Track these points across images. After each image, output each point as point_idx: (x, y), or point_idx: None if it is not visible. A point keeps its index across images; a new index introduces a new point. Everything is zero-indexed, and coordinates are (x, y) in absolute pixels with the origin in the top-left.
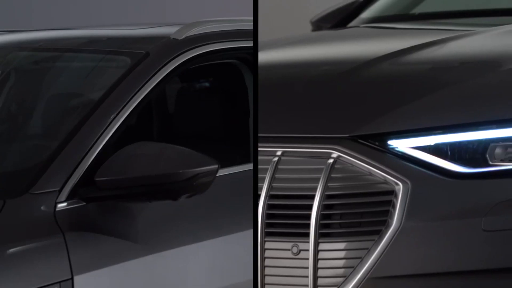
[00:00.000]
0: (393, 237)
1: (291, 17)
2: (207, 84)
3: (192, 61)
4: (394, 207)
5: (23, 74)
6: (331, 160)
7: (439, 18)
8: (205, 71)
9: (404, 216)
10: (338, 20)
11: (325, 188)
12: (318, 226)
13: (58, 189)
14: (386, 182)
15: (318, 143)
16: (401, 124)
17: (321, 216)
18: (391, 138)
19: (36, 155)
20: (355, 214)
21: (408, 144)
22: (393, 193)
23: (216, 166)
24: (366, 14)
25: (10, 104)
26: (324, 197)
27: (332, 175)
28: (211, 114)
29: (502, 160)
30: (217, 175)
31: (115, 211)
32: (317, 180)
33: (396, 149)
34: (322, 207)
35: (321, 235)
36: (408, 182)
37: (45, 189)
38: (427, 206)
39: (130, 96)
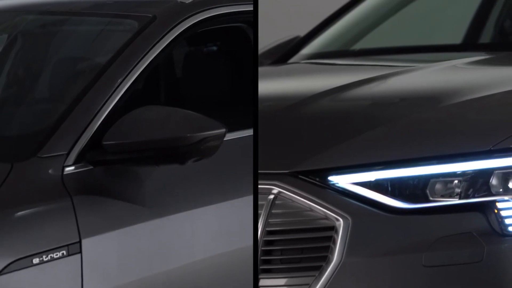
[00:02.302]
0: (333, 272)
1: None
2: (214, 48)
3: (199, 24)
4: (334, 242)
5: (30, 37)
6: (271, 196)
7: (379, 54)
8: (212, 34)
9: (344, 252)
10: (278, 56)
11: (266, 224)
12: (259, 262)
13: (65, 152)
14: (326, 217)
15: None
16: (341, 160)
17: (261, 252)
18: (332, 174)
19: (43, 119)
20: (296, 250)
21: (349, 180)
22: (333, 228)
23: (224, 130)
24: (307, 50)
25: (17, 68)
26: (265, 233)
27: (273, 211)
28: (218, 78)
29: (442, 196)
30: (225, 139)
31: (123, 175)
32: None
33: (337, 185)
34: (263, 243)
35: (261, 271)
36: (349, 217)
37: (53, 153)
38: (368, 241)
39: (137, 60)
